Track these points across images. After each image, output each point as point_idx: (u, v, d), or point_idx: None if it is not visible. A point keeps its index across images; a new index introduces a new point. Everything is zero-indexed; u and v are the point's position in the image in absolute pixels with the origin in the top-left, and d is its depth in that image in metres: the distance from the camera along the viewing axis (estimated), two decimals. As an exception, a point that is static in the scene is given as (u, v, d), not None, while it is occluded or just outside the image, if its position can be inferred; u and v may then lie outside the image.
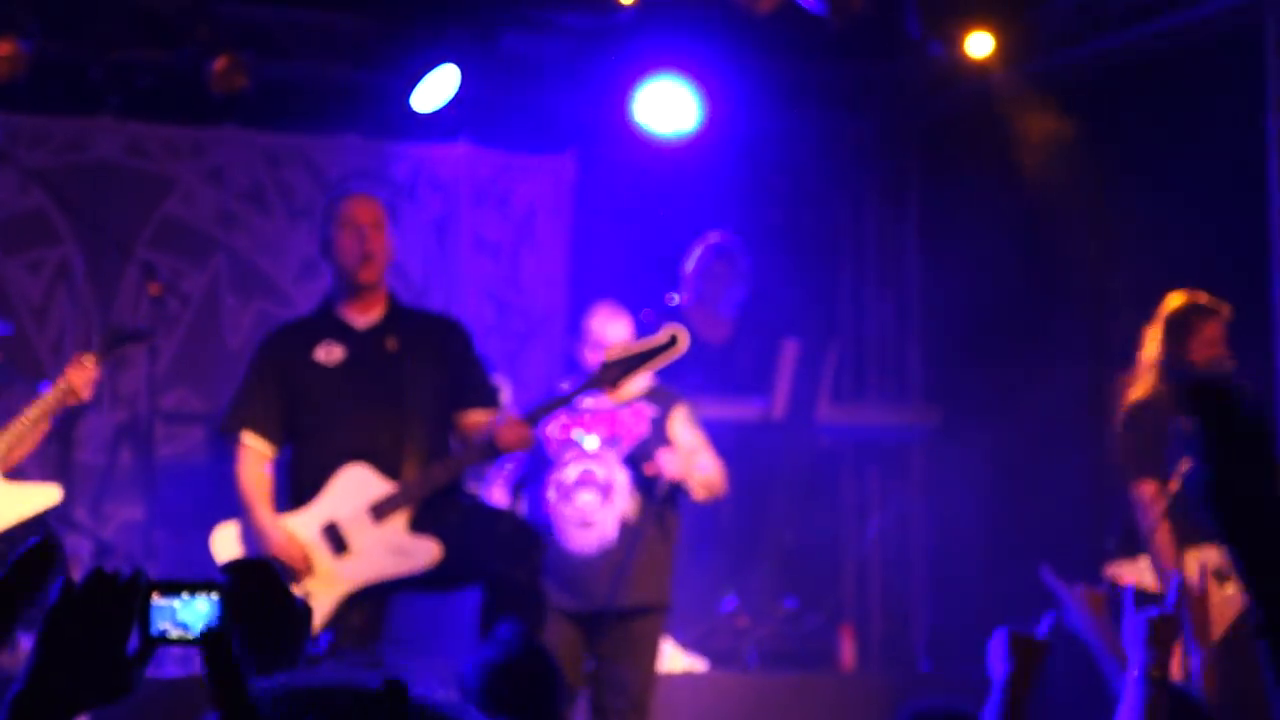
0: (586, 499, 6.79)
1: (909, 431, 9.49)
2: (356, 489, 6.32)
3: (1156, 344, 7.04)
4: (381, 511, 6.29)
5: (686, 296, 8.78)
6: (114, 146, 8.71)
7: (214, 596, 2.18)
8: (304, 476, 6.40)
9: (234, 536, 6.37)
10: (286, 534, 6.27)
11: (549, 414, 6.55)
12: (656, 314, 8.24)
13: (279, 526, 6.30)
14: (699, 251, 8.81)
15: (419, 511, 6.32)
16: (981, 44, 8.46)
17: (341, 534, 6.29)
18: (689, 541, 7.41)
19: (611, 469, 6.83)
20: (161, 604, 2.18)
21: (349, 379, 6.42)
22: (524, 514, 6.91)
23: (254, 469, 6.39)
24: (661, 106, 8.92)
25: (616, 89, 8.95)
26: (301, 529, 6.31)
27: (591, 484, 6.80)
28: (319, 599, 6.24)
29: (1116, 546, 7.03)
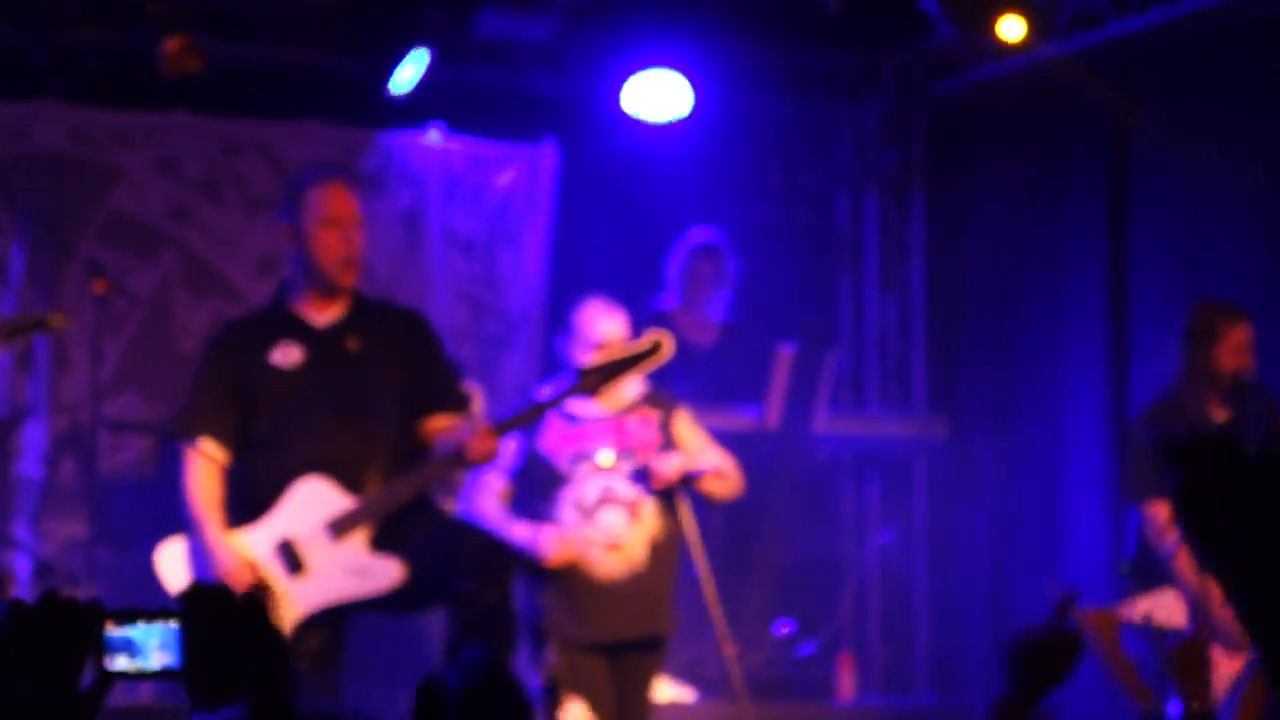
0: (612, 519, 6.66)
1: (912, 443, 9.47)
2: (314, 503, 6.18)
3: (1180, 352, 7.07)
4: (340, 528, 6.16)
5: (671, 298, 8.78)
6: (58, 133, 8.68)
7: (172, 625, 2.20)
8: (257, 489, 6.24)
9: (180, 554, 6.22)
10: (237, 552, 6.13)
11: (523, 425, 6.45)
12: (640, 317, 8.18)
13: (229, 544, 6.16)
14: (684, 251, 8.82)
15: (381, 528, 6.18)
16: (1013, 27, 8.49)
17: (297, 552, 6.15)
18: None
19: (634, 485, 6.71)
20: (116, 634, 2.18)
21: (308, 383, 6.26)
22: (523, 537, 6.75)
23: (206, 479, 6.24)
24: (649, 93, 8.89)
25: (600, 73, 8.94)
26: (253, 546, 6.16)
27: (615, 502, 6.67)
28: None
29: (1132, 578, 7.00)
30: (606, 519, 6.64)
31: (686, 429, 6.88)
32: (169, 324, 8.77)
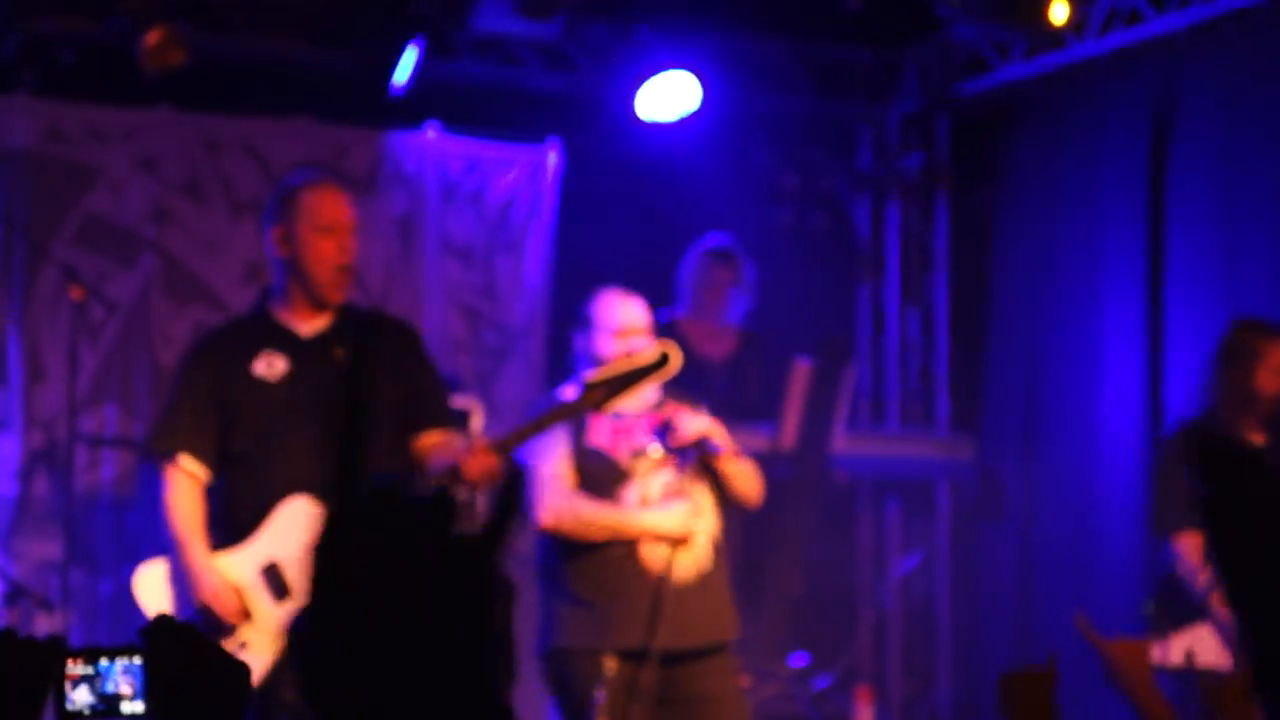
0: (681, 514, 6.50)
1: (935, 465, 9.51)
2: (301, 525, 6.08)
3: (1216, 372, 7.09)
4: (329, 551, 6.07)
5: (682, 306, 8.78)
6: (31, 131, 8.65)
7: (136, 663, 2.18)
8: (240, 509, 6.14)
9: (160, 577, 6.13)
10: (220, 576, 6.04)
11: (524, 441, 6.31)
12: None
13: (212, 567, 6.06)
14: (696, 257, 8.83)
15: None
16: (1060, 11, 8.53)
17: (283, 576, 6.06)
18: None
19: (688, 480, 6.56)
20: (78, 672, 2.18)
21: (293, 397, 6.17)
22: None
23: (187, 498, 6.14)
24: (657, 91, 8.87)
25: (605, 71, 8.93)
26: (238, 570, 6.07)
27: (679, 495, 6.51)
28: (257, 649, 6.02)
29: (1161, 615, 6.95)
30: (677, 514, 6.50)
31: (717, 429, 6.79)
32: (148, 333, 8.75)
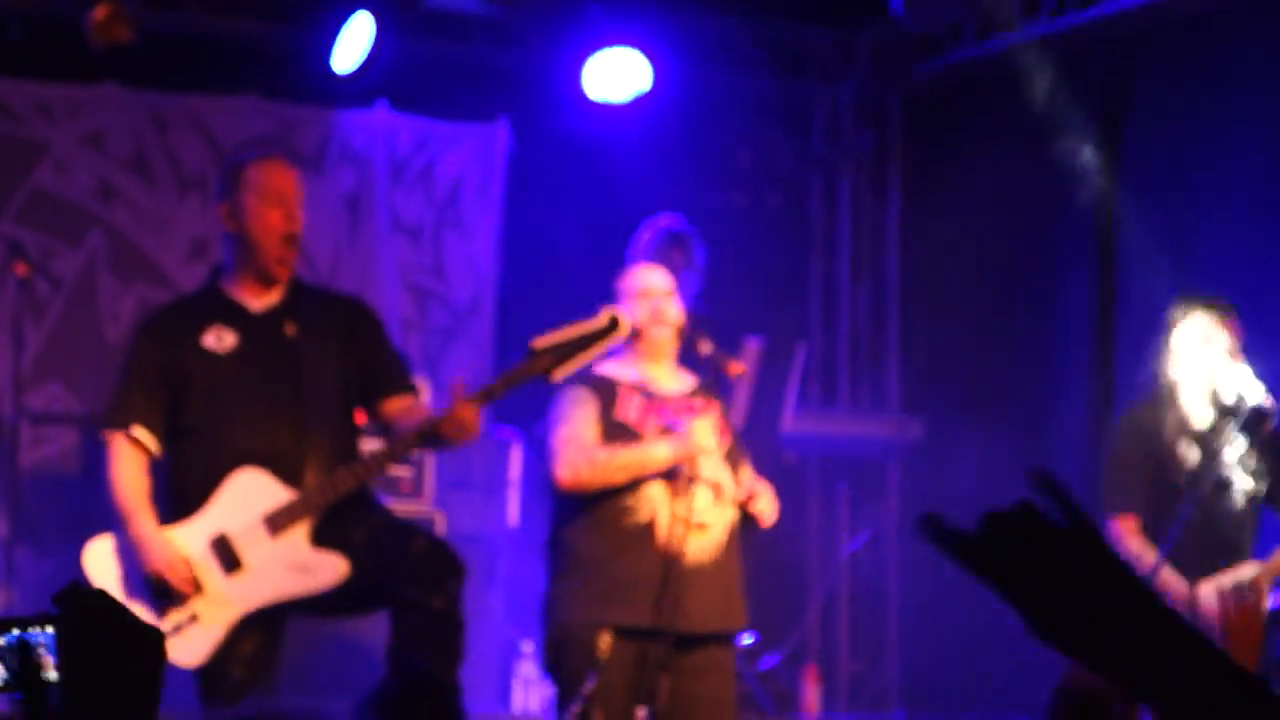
0: (702, 497, 6.49)
1: (885, 444, 9.51)
2: (250, 497, 6.21)
3: (1164, 351, 7.05)
4: (278, 523, 6.18)
5: None
6: None
7: (48, 633, 2.15)
8: (190, 482, 6.27)
9: (109, 552, 6.24)
10: (170, 548, 6.14)
11: (499, 396, 6.35)
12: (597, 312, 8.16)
13: (161, 535, 6.16)
14: (646, 237, 8.70)
15: (322, 523, 6.21)
16: None
17: (233, 548, 6.18)
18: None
19: (713, 463, 6.59)
20: None
21: (243, 369, 6.30)
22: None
23: (133, 470, 6.25)
24: (607, 70, 8.80)
25: (555, 48, 8.85)
26: (187, 543, 6.18)
27: (703, 481, 6.47)
28: (208, 623, 6.15)
29: None
30: (698, 497, 6.45)
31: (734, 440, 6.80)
32: (94, 310, 8.67)
